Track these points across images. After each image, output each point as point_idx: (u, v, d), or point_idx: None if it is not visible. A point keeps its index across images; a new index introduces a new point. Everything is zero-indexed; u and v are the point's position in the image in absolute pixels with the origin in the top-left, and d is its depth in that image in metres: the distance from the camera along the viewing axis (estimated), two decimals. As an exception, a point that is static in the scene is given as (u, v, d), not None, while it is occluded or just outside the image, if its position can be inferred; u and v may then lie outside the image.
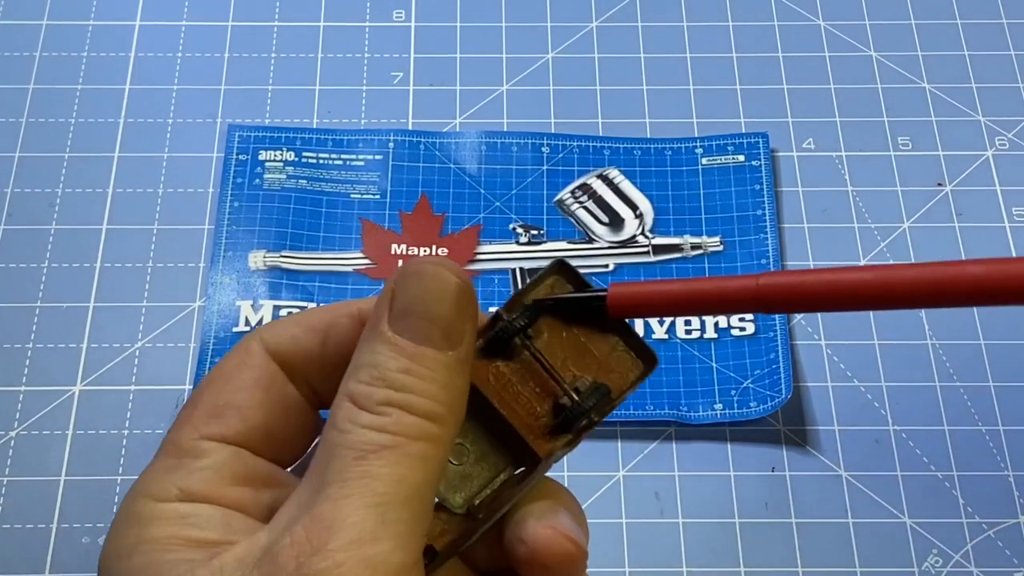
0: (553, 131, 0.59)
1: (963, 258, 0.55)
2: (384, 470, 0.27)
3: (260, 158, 0.57)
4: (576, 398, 0.31)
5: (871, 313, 0.54)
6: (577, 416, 0.31)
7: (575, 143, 0.58)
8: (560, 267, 0.33)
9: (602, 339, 0.32)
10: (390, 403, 0.28)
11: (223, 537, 0.29)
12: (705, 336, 0.53)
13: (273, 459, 0.32)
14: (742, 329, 0.53)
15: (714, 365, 0.52)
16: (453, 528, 0.30)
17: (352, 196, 0.56)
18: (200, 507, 0.30)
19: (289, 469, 0.33)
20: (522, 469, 0.31)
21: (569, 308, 0.32)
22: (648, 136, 0.59)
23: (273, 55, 0.61)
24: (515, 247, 0.56)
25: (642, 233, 0.56)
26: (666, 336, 0.53)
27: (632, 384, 0.32)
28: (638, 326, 0.54)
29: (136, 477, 0.31)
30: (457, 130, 0.59)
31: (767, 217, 0.56)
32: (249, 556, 0.28)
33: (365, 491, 0.27)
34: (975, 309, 0.54)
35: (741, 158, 0.57)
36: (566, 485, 0.33)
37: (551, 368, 0.32)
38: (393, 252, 0.55)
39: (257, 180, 0.56)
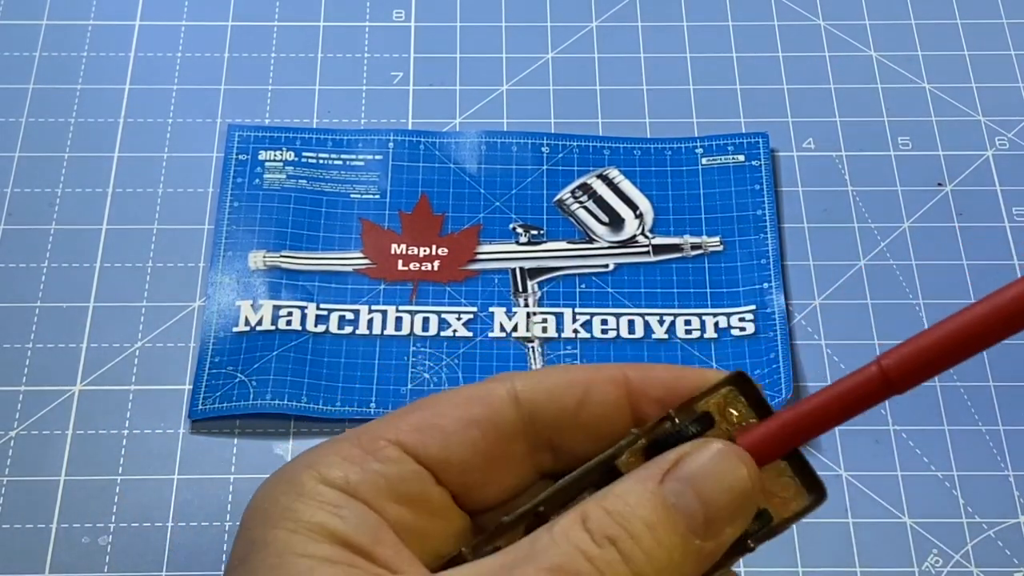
0: (553, 131, 0.59)
1: (964, 258, 0.55)
2: None
3: (260, 158, 0.57)
4: None
5: (870, 312, 0.54)
6: (736, 546, 0.30)
7: (575, 143, 0.58)
8: (738, 378, 0.31)
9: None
10: (615, 541, 0.27)
11: (369, 545, 0.28)
12: (705, 336, 0.53)
13: (463, 496, 0.31)
14: (742, 329, 0.53)
15: (714, 365, 0.52)
16: None
17: (352, 196, 0.56)
18: (358, 506, 0.29)
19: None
20: None
21: None
22: (648, 136, 0.59)
23: (273, 55, 0.61)
24: (515, 247, 0.56)
25: (642, 233, 0.56)
26: (666, 336, 0.53)
27: (793, 516, 0.30)
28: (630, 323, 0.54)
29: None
30: (457, 130, 0.59)
31: (767, 217, 0.56)
32: None
33: None
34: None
35: (741, 158, 0.57)
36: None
37: None
38: (393, 252, 0.55)
39: (257, 180, 0.57)
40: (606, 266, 0.55)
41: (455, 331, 0.53)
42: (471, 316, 0.54)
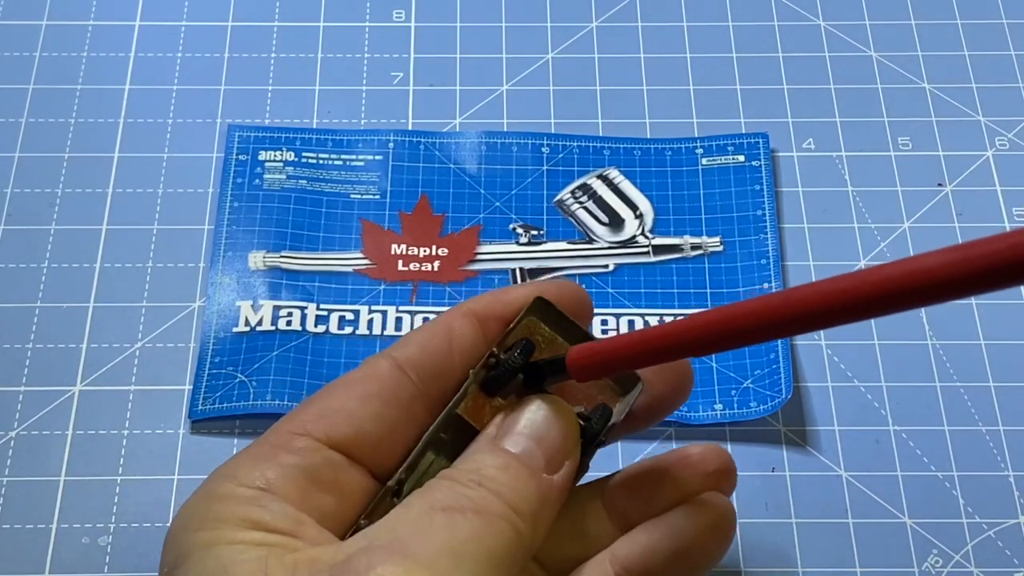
0: (553, 131, 0.59)
1: (963, 258, 0.55)
2: (466, 526, 0.28)
3: (260, 158, 0.57)
4: (583, 423, 0.33)
5: (871, 313, 0.54)
6: (591, 439, 0.33)
7: (575, 143, 0.58)
8: (538, 305, 0.34)
9: None
10: (481, 484, 0.30)
11: (292, 529, 0.29)
12: (705, 336, 0.53)
13: (378, 470, 0.32)
14: (742, 329, 0.53)
15: (714, 365, 0.52)
16: None
17: (352, 196, 0.56)
18: (277, 499, 0.30)
19: None
20: None
21: (536, 373, 0.34)
22: (648, 136, 0.59)
23: (273, 55, 0.61)
24: (515, 247, 0.56)
25: (642, 233, 0.56)
26: (666, 336, 0.53)
27: (625, 405, 0.35)
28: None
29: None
30: (457, 130, 0.59)
31: (767, 217, 0.56)
32: (323, 561, 0.28)
33: (446, 536, 0.28)
34: (975, 310, 0.54)
35: (741, 158, 0.57)
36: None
37: None
38: (393, 252, 0.55)
39: (257, 180, 0.56)
40: (606, 266, 0.55)
41: (455, 331, 0.53)
42: (471, 316, 0.54)
